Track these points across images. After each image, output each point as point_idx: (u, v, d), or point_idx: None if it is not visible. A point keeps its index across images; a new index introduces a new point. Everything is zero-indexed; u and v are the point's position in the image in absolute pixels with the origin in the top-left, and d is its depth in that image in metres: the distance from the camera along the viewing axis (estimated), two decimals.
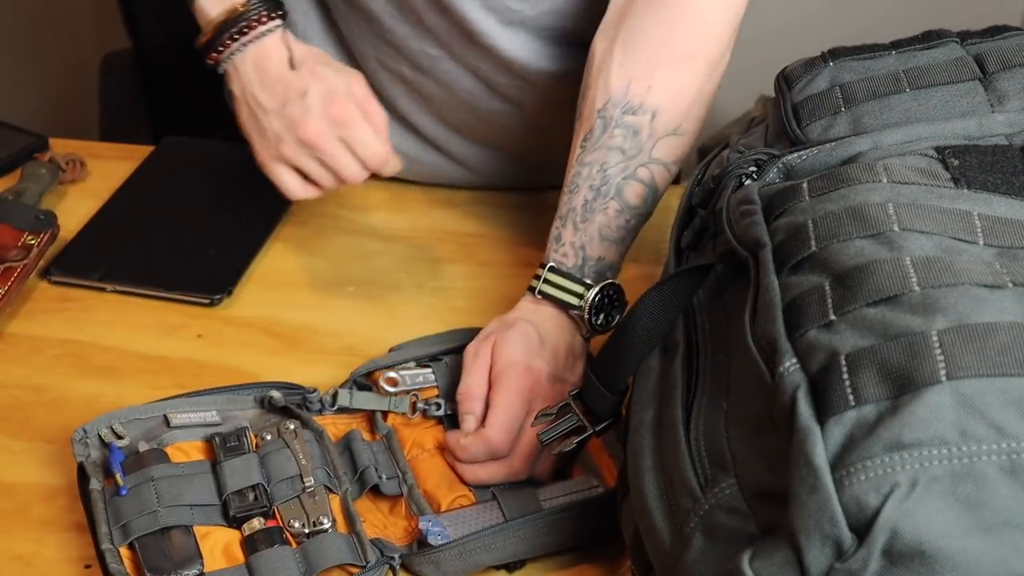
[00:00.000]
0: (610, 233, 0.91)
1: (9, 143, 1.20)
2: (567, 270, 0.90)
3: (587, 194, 0.91)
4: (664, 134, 0.92)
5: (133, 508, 0.79)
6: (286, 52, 0.95)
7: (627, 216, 0.92)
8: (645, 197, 0.92)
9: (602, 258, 0.91)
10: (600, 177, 0.91)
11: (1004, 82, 0.77)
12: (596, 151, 0.92)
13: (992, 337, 0.56)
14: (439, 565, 0.78)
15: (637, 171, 0.92)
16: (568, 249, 0.91)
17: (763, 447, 0.61)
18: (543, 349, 0.87)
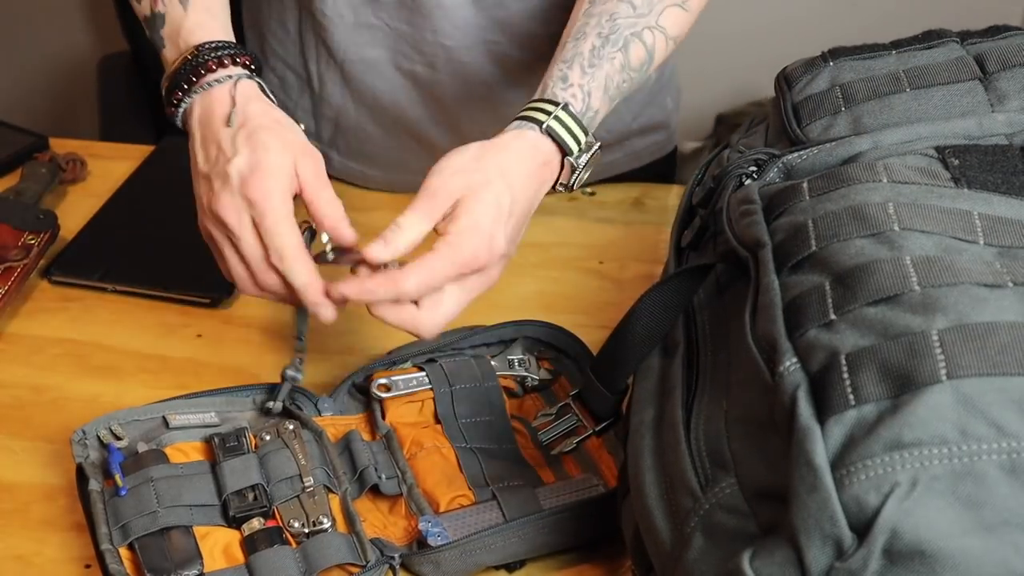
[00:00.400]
0: (611, 87, 0.87)
1: (9, 143, 1.20)
2: (575, 112, 0.85)
3: (595, 40, 0.88)
4: (673, 1, 0.91)
5: (133, 509, 0.79)
6: (228, 107, 0.84)
7: (625, 76, 0.88)
8: (643, 63, 0.89)
9: (598, 111, 0.87)
10: (609, 26, 0.88)
11: (1004, 82, 0.77)
12: (607, 3, 0.89)
13: (992, 336, 0.56)
14: (439, 565, 0.78)
15: (643, 32, 0.89)
16: (577, 91, 0.86)
17: (763, 447, 0.61)
18: (509, 220, 0.82)
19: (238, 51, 0.87)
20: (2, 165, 1.19)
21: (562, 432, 0.85)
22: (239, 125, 0.83)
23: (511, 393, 0.93)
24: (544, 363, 0.94)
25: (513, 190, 0.82)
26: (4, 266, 1.02)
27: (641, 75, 0.90)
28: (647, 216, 1.15)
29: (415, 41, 1.07)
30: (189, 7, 0.88)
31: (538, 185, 0.84)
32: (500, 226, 0.81)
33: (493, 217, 0.80)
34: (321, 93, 1.15)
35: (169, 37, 0.88)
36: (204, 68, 0.85)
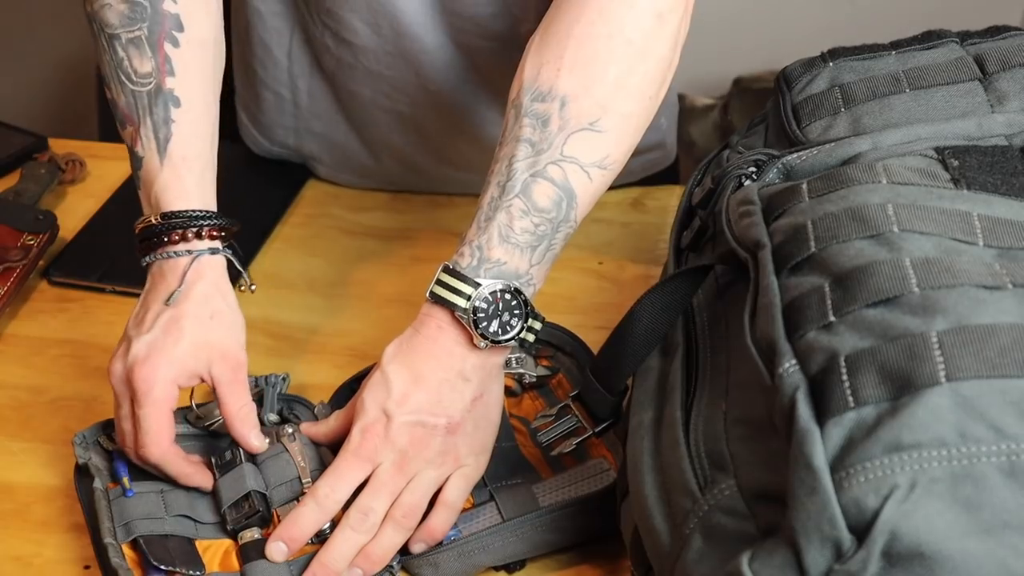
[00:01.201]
0: (512, 235, 0.80)
1: (9, 143, 1.20)
2: (460, 269, 0.80)
3: (493, 191, 0.81)
4: (577, 127, 0.81)
5: (140, 511, 0.79)
6: (175, 286, 0.82)
7: (535, 219, 0.81)
8: (558, 201, 0.81)
9: (503, 261, 0.80)
10: (507, 172, 0.81)
11: (1004, 82, 0.77)
12: (506, 145, 0.82)
13: (992, 338, 0.56)
14: (438, 567, 0.78)
15: (547, 168, 0.81)
16: (465, 248, 0.81)
17: (762, 448, 0.61)
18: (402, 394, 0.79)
19: (207, 223, 0.84)
20: (2, 165, 1.19)
21: (562, 433, 0.85)
22: (175, 305, 0.82)
23: (509, 391, 0.93)
24: (542, 361, 0.94)
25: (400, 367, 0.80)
26: (3, 267, 1.02)
27: (562, 211, 0.81)
28: (647, 216, 1.15)
29: (398, 82, 1.07)
30: (165, 160, 0.85)
31: (438, 350, 0.80)
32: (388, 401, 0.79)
33: (378, 397, 0.80)
34: (309, 110, 1.15)
35: (144, 184, 0.86)
36: (167, 237, 0.83)
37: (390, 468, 0.79)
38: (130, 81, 0.85)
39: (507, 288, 0.80)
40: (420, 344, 0.81)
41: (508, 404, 0.91)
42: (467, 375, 0.81)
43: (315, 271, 1.09)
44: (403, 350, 0.81)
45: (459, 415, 0.80)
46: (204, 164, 0.87)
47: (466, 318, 0.79)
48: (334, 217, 1.16)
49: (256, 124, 1.18)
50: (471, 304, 0.79)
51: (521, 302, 0.81)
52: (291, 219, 1.15)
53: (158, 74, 0.85)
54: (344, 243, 1.13)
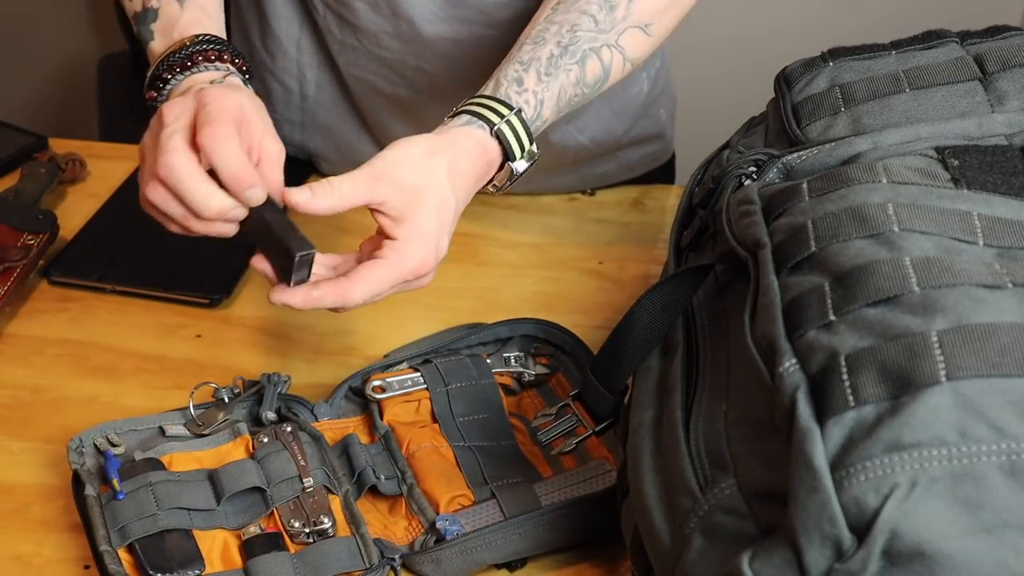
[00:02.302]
0: (563, 99, 0.87)
1: (9, 143, 1.20)
2: (526, 118, 0.85)
3: (554, 48, 0.87)
4: (636, 23, 0.89)
5: (132, 512, 0.79)
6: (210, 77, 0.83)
7: (578, 90, 0.88)
8: (598, 80, 0.88)
9: (546, 120, 0.87)
10: (569, 37, 0.87)
11: (1004, 82, 0.77)
12: (569, 12, 0.88)
13: (992, 338, 0.56)
14: (440, 564, 0.78)
15: (602, 49, 0.88)
16: (531, 98, 0.85)
17: (763, 447, 0.61)
18: (451, 225, 0.82)
19: (235, 52, 0.86)
20: (2, 165, 1.19)
21: (562, 432, 0.86)
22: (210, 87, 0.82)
23: (508, 390, 0.93)
24: (541, 359, 0.94)
25: (456, 190, 0.82)
26: (3, 266, 1.02)
27: (593, 91, 0.89)
28: (647, 216, 1.15)
29: (398, 66, 1.07)
30: (186, 5, 0.87)
31: (476, 182, 0.84)
32: (446, 230, 0.82)
33: (439, 223, 0.81)
34: (317, 101, 1.15)
35: (161, 31, 0.87)
36: (200, 56, 0.84)
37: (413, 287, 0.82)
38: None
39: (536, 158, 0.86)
40: (468, 171, 0.83)
41: (508, 403, 0.92)
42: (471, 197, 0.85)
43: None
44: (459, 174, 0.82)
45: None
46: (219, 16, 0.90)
47: (515, 169, 0.85)
48: (334, 217, 1.15)
49: None
50: (521, 162, 0.85)
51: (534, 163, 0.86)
52: (291, 218, 1.15)
53: None
54: (344, 243, 1.12)
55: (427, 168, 0.81)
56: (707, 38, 1.86)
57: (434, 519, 0.81)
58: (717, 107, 0.97)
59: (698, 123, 1.39)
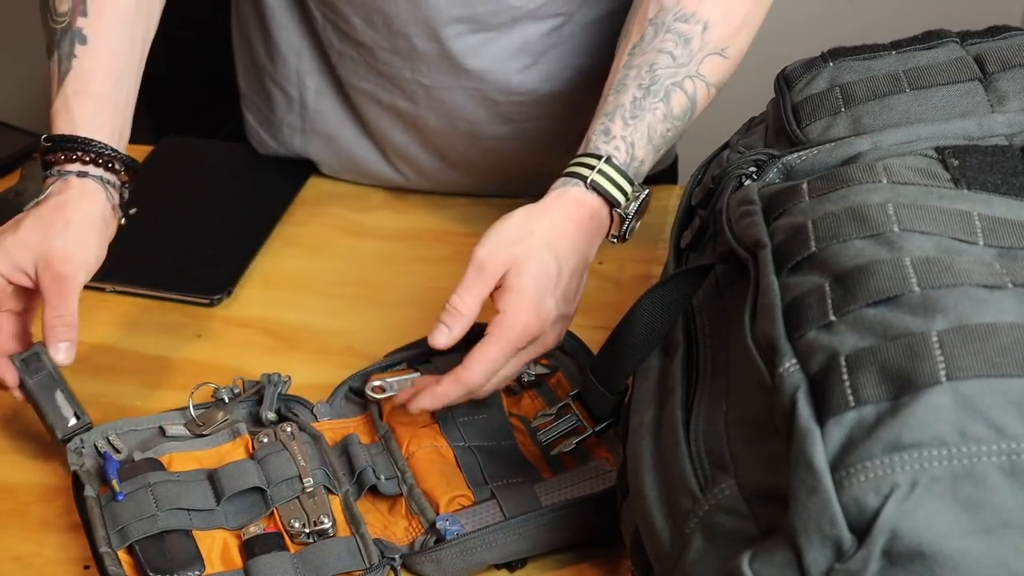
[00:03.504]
0: (655, 137, 0.88)
1: (9, 143, 1.20)
2: (619, 163, 0.86)
3: (636, 92, 0.89)
4: (713, 50, 0.91)
5: (131, 513, 0.79)
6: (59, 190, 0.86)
7: (669, 124, 0.89)
8: (686, 111, 0.90)
9: (643, 161, 0.88)
10: (649, 77, 0.89)
11: (1004, 82, 0.77)
12: (645, 54, 0.90)
13: (992, 338, 0.56)
14: (440, 564, 0.78)
15: (684, 81, 0.90)
16: (620, 143, 0.87)
17: (763, 448, 0.61)
18: (558, 284, 0.83)
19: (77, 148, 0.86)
20: (2, 165, 1.19)
21: (562, 432, 0.85)
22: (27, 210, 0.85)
23: (508, 390, 0.93)
24: (541, 359, 0.94)
25: (558, 252, 0.83)
26: None
27: (684, 122, 0.91)
28: (647, 216, 1.14)
29: (395, 78, 1.08)
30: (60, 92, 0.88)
31: (586, 239, 0.85)
32: (548, 293, 0.82)
33: (540, 286, 0.82)
34: (316, 110, 1.15)
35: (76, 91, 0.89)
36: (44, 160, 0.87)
37: (528, 357, 0.84)
38: (52, 20, 0.90)
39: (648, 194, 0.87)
40: (573, 231, 0.84)
41: (507, 403, 0.92)
42: (591, 262, 0.86)
43: (315, 271, 1.09)
44: (559, 233, 0.84)
45: (578, 305, 0.86)
46: (100, 101, 0.89)
47: (623, 214, 0.86)
48: (335, 216, 1.16)
49: (263, 125, 1.18)
50: (631, 205, 0.86)
51: (648, 202, 0.88)
52: (291, 219, 1.15)
53: (72, 13, 0.89)
54: (344, 243, 1.13)
55: (521, 238, 0.83)
56: None
57: (434, 519, 0.81)
58: (717, 107, 0.97)
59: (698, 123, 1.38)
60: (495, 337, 0.81)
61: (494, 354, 0.81)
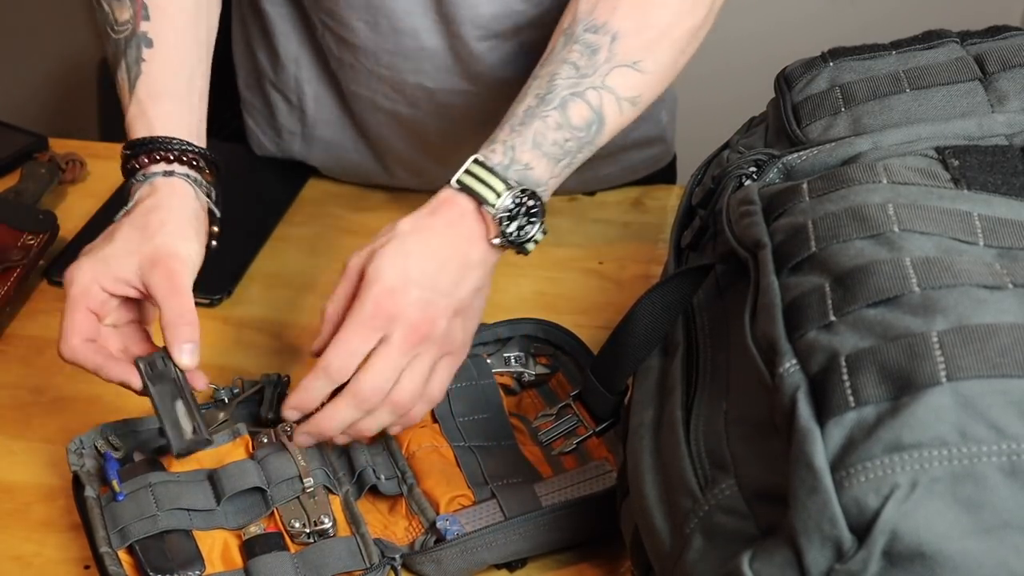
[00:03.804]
0: (544, 142, 0.84)
1: (9, 143, 1.20)
2: (491, 164, 0.82)
3: (531, 101, 0.85)
4: (622, 63, 0.86)
5: (131, 513, 0.79)
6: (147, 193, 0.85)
7: (566, 134, 0.84)
8: (589, 122, 0.85)
9: (530, 166, 0.83)
10: (547, 87, 0.85)
11: (1004, 82, 0.77)
12: (550, 65, 0.87)
13: (992, 338, 0.56)
14: (440, 563, 0.78)
15: (587, 92, 0.85)
16: (498, 146, 0.83)
17: (763, 448, 0.61)
18: (417, 265, 0.79)
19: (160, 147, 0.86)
20: (2, 165, 1.19)
21: (562, 432, 0.86)
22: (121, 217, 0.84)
23: (508, 390, 0.93)
24: (541, 359, 0.94)
25: (421, 238, 0.80)
26: (3, 267, 1.02)
27: (591, 134, 0.86)
28: (647, 216, 1.15)
29: (396, 83, 1.07)
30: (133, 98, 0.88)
31: (459, 236, 0.81)
32: (405, 272, 0.79)
33: (396, 267, 0.79)
34: (316, 116, 1.15)
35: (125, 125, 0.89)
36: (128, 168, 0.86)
37: (400, 343, 0.78)
38: (112, 31, 0.89)
39: (533, 193, 0.83)
40: (439, 226, 0.81)
41: (508, 403, 0.92)
42: (475, 264, 0.82)
43: (315, 271, 1.09)
44: (421, 227, 0.81)
45: (467, 300, 0.82)
46: (175, 100, 0.89)
47: (492, 212, 0.81)
48: (334, 217, 1.16)
49: (263, 130, 1.18)
50: (500, 202, 0.81)
51: (540, 211, 0.83)
52: (291, 219, 1.15)
53: (134, 20, 0.89)
54: (344, 243, 1.13)
55: (382, 236, 0.81)
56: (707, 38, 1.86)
57: (434, 519, 0.81)
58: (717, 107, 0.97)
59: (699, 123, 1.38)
60: (347, 321, 0.78)
61: (348, 335, 0.78)
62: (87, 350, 0.80)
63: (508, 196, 0.81)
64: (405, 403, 0.80)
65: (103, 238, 0.83)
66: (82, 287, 0.80)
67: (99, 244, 0.82)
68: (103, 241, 0.83)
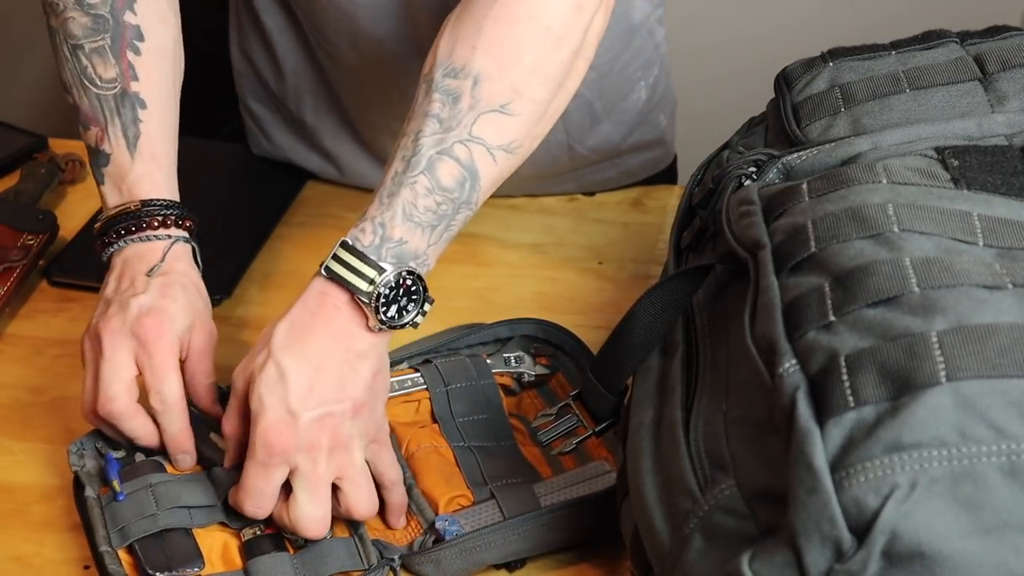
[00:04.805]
0: (416, 213, 0.78)
1: (9, 143, 1.20)
2: (361, 248, 0.78)
3: (398, 166, 0.80)
4: (488, 108, 0.80)
5: (131, 512, 0.79)
6: (157, 261, 0.85)
7: (438, 198, 0.79)
8: (462, 181, 0.79)
9: (404, 240, 0.78)
10: (412, 147, 0.79)
11: (1004, 82, 0.77)
12: (414, 119, 0.81)
13: (992, 338, 0.56)
14: (439, 564, 0.78)
15: (454, 147, 0.79)
16: (368, 225, 0.79)
17: (762, 448, 0.61)
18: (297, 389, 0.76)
19: (182, 213, 0.87)
20: (2, 165, 1.19)
21: (562, 432, 0.86)
22: (159, 275, 0.84)
23: (508, 390, 0.93)
24: (541, 359, 0.94)
25: (295, 354, 0.77)
26: (3, 267, 1.02)
27: (466, 192, 0.80)
28: (646, 216, 1.15)
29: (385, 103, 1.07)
30: (136, 154, 0.87)
31: (335, 332, 0.78)
32: (282, 403, 0.76)
33: (272, 397, 0.76)
34: (315, 126, 1.15)
35: (111, 178, 0.88)
36: (146, 223, 0.86)
37: (311, 468, 0.76)
38: (94, 85, 0.89)
39: (410, 273, 0.79)
40: (315, 326, 0.78)
41: (508, 403, 0.92)
42: (364, 353, 0.79)
43: (315, 271, 1.08)
44: (296, 333, 0.78)
45: (363, 395, 0.78)
46: (170, 163, 0.90)
47: (367, 302, 0.78)
48: (334, 217, 1.16)
49: (263, 134, 1.18)
50: (375, 290, 0.77)
51: (420, 287, 0.79)
52: (291, 219, 1.15)
53: (123, 79, 0.88)
54: None
55: (259, 351, 0.78)
56: (707, 39, 1.86)
57: (433, 519, 0.81)
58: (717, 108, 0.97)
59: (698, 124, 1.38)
60: (246, 466, 0.77)
61: (252, 480, 0.76)
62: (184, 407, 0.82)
63: (382, 284, 0.77)
64: (366, 509, 0.79)
65: (162, 294, 0.83)
66: (172, 341, 0.82)
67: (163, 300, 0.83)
68: (166, 298, 0.83)
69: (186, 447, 0.82)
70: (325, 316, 0.78)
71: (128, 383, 0.81)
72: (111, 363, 0.81)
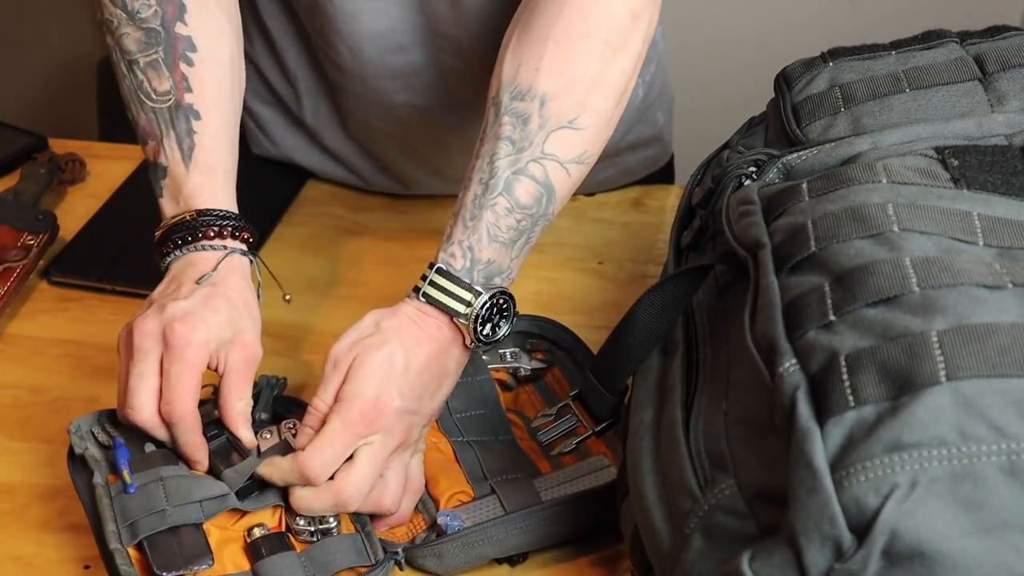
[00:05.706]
0: (499, 234, 0.82)
1: (9, 143, 1.20)
2: (455, 273, 0.82)
3: (476, 188, 0.83)
4: (557, 126, 0.83)
5: (141, 507, 0.77)
6: (209, 270, 0.84)
7: (518, 216, 0.83)
8: (539, 197, 0.83)
9: (492, 261, 0.82)
10: (488, 170, 0.83)
11: (1004, 82, 0.77)
12: (487, 142, 0.84)
13: (992, 338, 0.56)
14: (442, 557, 0.78)
15: (528, 166, 0.83)
16: (456, 249, 0.82)
17: (763, 447, 0.61)
18: (403, 378, 0.79)
19: (240, 225, 0.87)
20: (2, 165, 1.19)
21: (562, 432, 0.86)
22: (210, 285, 0.83)
23: (505, 386, 0.93)
24: (537, 354, 0.94)
25: (407, 348, 0.80)
26: (3, 267, 1.02)
27: (543, 207, 0.84)
28: (646, 216, 1.15)
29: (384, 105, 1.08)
30: (191, 166, 0.87)
31: (438, 346, 0.81)
32: (390, 383, 0.78)
33: (383, 375, 0.78)
34: (315, 127, 1.15)
35: (170, 191, 0.88)
36: (202, 233, 0.85)
37: (378, 450, 0.78)
38: (150, 100, 0.89)
39: (503, 293, 0.82)
40: (423, 338, 0.81)
41: (505, 399, 0.92)
42: (452, 371, 0.83)
43: (315, 271, 1.09)
44: (407, 335, 0.81)
45: (437, 410, 0.83)
46: (227, 173, 0.90)
47: (467, 324, 0.81)
48: (334, 217, 1.16)
49: (265, 135, 1.18)
50: (473, 312, 0.81)
51: (510, 305, 0.83)
52: (291, 219, 1.15)
53: (176, 91, 0.88)
54: (344, 243, 1.13)
55: (370, 332, 0.81)
56: (706, 38, 1.86)
57: (435, 515, 0.81)
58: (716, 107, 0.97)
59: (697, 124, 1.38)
60: (331, 423, 0.78)
61: (331, 439, 0.78)
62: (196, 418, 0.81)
63: (479, 306, 0.81)
64: (389, 504, 0.80)
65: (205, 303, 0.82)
66: (199, 352, 0.80)
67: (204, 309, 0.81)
68: (208, 308, 0.81)
69: (196, 458, 0.81)
70: (430, 333, 0.81)
71: (152, 393, 0.80)
72: (137, 370, 0.80)
